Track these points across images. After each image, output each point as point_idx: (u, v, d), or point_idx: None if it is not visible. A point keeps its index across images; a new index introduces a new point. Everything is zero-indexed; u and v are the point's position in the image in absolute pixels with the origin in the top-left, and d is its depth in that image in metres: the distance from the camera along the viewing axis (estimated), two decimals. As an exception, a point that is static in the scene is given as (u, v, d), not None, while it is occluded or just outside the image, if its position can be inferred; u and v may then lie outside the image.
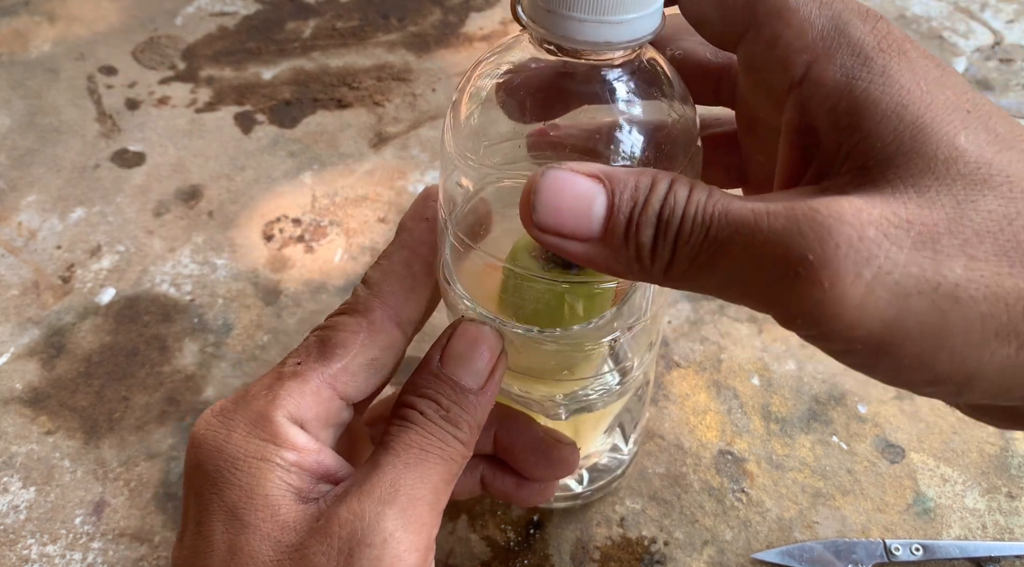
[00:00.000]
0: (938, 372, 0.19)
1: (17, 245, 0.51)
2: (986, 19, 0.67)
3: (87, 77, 0.62)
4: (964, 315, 0.18)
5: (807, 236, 0.18)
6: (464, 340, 0.26)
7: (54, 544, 0.38)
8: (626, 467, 0.39)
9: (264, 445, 0.25)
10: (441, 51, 0.65)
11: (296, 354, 0.27)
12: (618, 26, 0.21)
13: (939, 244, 0.18)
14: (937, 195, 0.18)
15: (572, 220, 0.20)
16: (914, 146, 0.18)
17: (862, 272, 0.17)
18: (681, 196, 0.19)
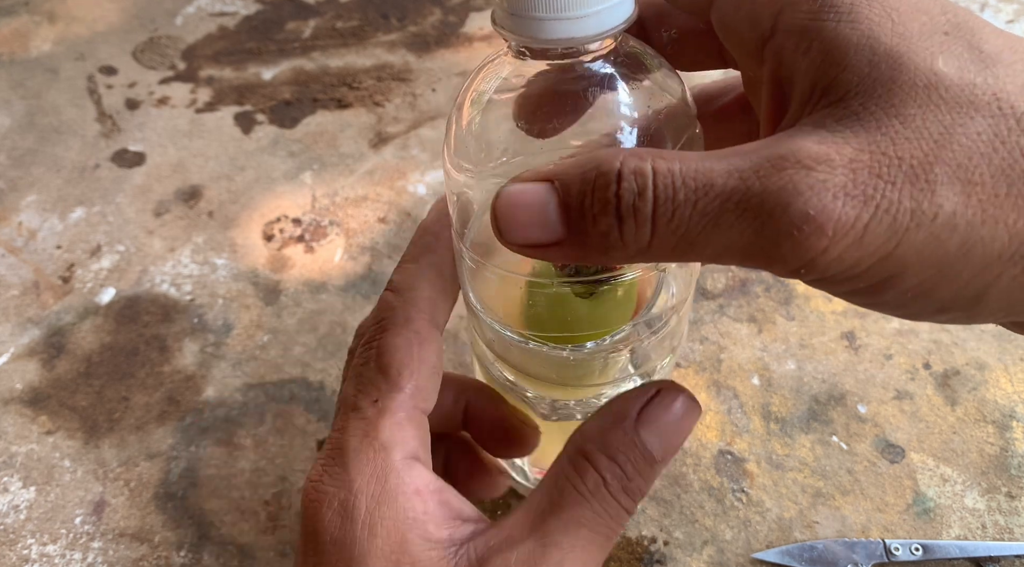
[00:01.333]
0: (944, 299, 0.19)
1: (17, 245, 0.51)
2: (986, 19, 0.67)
3: (87, 77, 0.62)
4: (964, 242, 0.18)
5: (803, 193, 0.17)
6: (671, 413, 0.25)
7: (54, 544, 0.38)
8: None
9: (395, 499, 0.23)
10: (441, 51, 0.65)
11: (365, 392, 0.26)
12: (580, 21, 0.21)
13: (932, 174, 0.17)
14: (924, 123, 0.18)
15: (534, 230, 0.20)
16: (892, 75, 0.18)
17: (861, 215, 0.17)
18: (643, 172, 0.19)
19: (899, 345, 0.45)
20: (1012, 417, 0.42)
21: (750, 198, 0.18)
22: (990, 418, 0.42)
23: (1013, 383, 0.43)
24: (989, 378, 0.43)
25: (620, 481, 0.24)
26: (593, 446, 0.25)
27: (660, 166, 0.19)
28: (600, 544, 0.24)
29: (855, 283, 0.19)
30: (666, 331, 0.29)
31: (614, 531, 0.24)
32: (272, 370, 0.44)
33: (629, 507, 0.24)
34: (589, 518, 0.24)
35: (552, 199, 0.20)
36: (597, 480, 0.24)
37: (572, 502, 0.24)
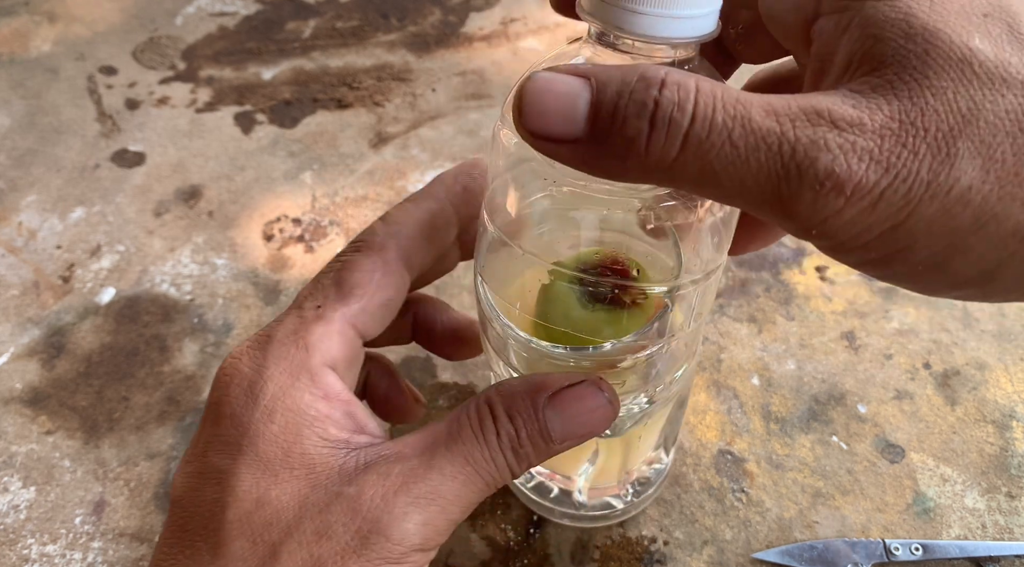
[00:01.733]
0: (956, 274, 0.19)
1: (17, 245, 0.51)
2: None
3: (87, 77, 0.62)
4: (977, 217, 0.18)
5: (832, 150, 0.18)
6: (582, 401, 0.25)
7: (54, 544, 0.38)
8: (664, 478, 0.38)
9: (300, 396, 0.24)
10: (441, 51, 0.65)
11: (313, 296, 0.27)
12: (679, 22, 0.21)
13: (954, 148, 0.18)
14: (955, 96, 0.18)
15: (557, 121, 0.20)
16: (927, 48, 0.18)
17: (880, 181, 0.18)
18: (687, 87, 0.18)
19: (899, 345, 0.45)
20: (1012, 417, 0.42)
21: (782, 143, 0.18)
22: (990, 418, 0.42)
23: (1013, 383, 0.43)
24: (989, 378, 0.43)
25: (512, 441, 0.25)
26: (501, 402, 0.25)
27: (704, 86, 0.19)
28: (479, 486, 0.25)
29: (866, 252, 0.19)
30: (678, 344, 0.29)
31: (495, 480, 0.25)
32: (272, 370, 0.44)
33: (513, 466, 0.25)
34: (476, 458, 0.25)
35: (585, 94, 0.19)
36: (492, 430, 0.25)
37: (465, 439, 0.25)
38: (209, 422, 0.25)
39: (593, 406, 0.26)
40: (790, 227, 0.19)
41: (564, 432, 0.25)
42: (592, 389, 0.26)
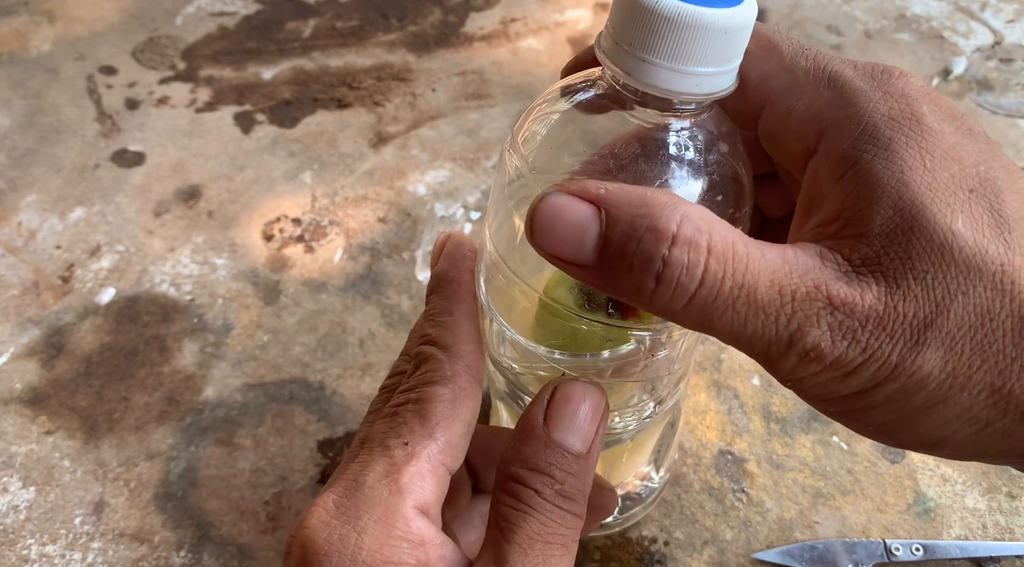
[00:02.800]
0: (902, 440, 0.21)
1: (17, 245, 0.51)
2: (986, 19, 0.67)
3: (87, 77, 0.62)
4: (928, 399, 0.19)
5: (822, 328, 0.19)
6: (570, 401, 0.25)
7: (54, 544, 0.38)
8: (657, 495, 0.38)
9: (399, 546, 0.23)
10: (441, 51, 0.65)
11: (397, 432, 0.25)
12: (694, 78, 0.21)
13: (923, 337, 0.19)
14: (933, 282, 0.19)
15: (567, 247, 0.20)
16: (913, 227, 0.19)
17: (856, 358, 0.19)
18: (698, 247, 0.19)
19: (899, 345, 0.45)
20: (1012, 417, 0.42)
21: (780, 315, 0.19)
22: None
23: (1013, 383, 0.43)
24: (989, 378, 0.43)
25: (553, 487, 0.24)
26: (516, 466, 0.25)
27: (717, 246, 0.19)
28: (560, 555, 0.24)
29: (829, 405, 0.21)
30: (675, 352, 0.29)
31: (569, 538, 0.24)
32: (272, 370, 0.44)
33: (573, 509, 0.25)
34: (539, 532, 0.24)
35: (594, 226, 0.20)
36: (531, 495, 0.24)
37: (517, 524, 0.24)
38: None
39: (581, 397, 0.25)
40: (772, 373, 0.21)
41: (583, 439, 0.25)
42: (566, 386, 0.25)
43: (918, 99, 0.20)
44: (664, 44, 0.20)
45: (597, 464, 0.26)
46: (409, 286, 0.48)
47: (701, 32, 0.20)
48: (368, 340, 0.46)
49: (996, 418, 0.19)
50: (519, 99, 0.60)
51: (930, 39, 0.65)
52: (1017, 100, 0.60)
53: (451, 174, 0.55)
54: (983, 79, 0.61)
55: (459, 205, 0.53)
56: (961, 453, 0.21)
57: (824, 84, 0.21)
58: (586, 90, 0.24)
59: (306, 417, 0.42)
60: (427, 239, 0.51)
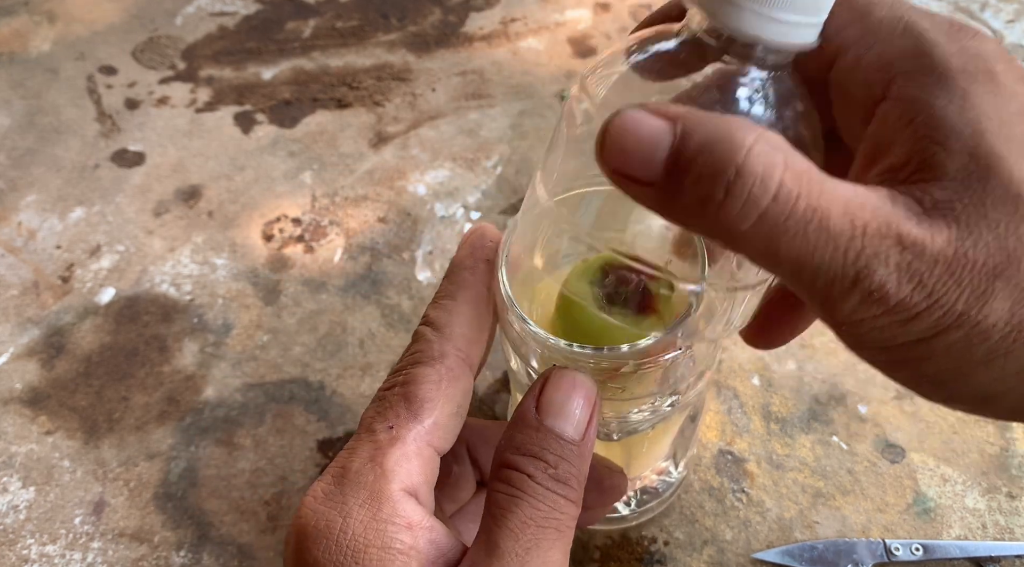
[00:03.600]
0: (954, 392, 0.20)
1: (17, 245, 0.51)
2: (986, 19, 0.67)
3: (87, 77, 0.62)
4: (990, 351, 0.19)
5: (889, 267, 0.18)
6: (560, 389, 0.25)
7: (54, 544, 0.38)
8: (675, 490, 0.38)
9: (384, 529, 0.24)
10: (441, 51, 0.65)
11: (383, 416, 0.26)
12: (777, 24, 0.20)
13: (992, 286, 0.19)
14: (1005, 232, 0.19)
15: (635, 163, 0.19)
16: (988, 176, 0.19)
17: (920, 303, 0.19)
18: (773, 164, 0.18)
19: (899, 345, 0.45)
20: (1012, 417, 0.42)
21: (849, 248, 0.18)
22: (990, 418, 0.42)
23: (1013, 383, 0.43)
24: (989, 378, 0.43)
25: (546, 471, 0.24)
26: (509, 453, 0.25)
27: (793, 165, 0.18)
28: (553, 539, 0.24)
29: (882, 354, 0.20)
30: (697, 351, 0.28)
31: (563, 523, 0.24)
32: (272, 370, 0.44)
33: (567, 493, 0.24)
34: (531, 516, 0.24)
35: (667, 140, 0.19)
36: (523, 479, 0.24)
37: (510, 508, 0.24)
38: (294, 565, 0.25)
39: (572, 384, 0.25)
40: (823, 316, 0.20)
41: (576, 425, 0.25)
42: (557, 374, 0.25)
43: (994, 57, 0.20)
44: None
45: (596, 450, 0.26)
46: (409, 286, 0.48)
47: None
48: (368, 340, 0.46)
49: None
50: (519, 99, 0.60)
51: (930, 39, 0.65)
52: (1017, 100, 0.60)
53: (451, 174, 0.55)
54: (983, 79, 0.61)
55: (459, 205, 0.53)
56: (1012, 412, 0.21)
57: (898, 33, 0.21)
58: (666, 39, 0.23)
59: (306, 417, 0.42)
60: (427, 239, 0.51)
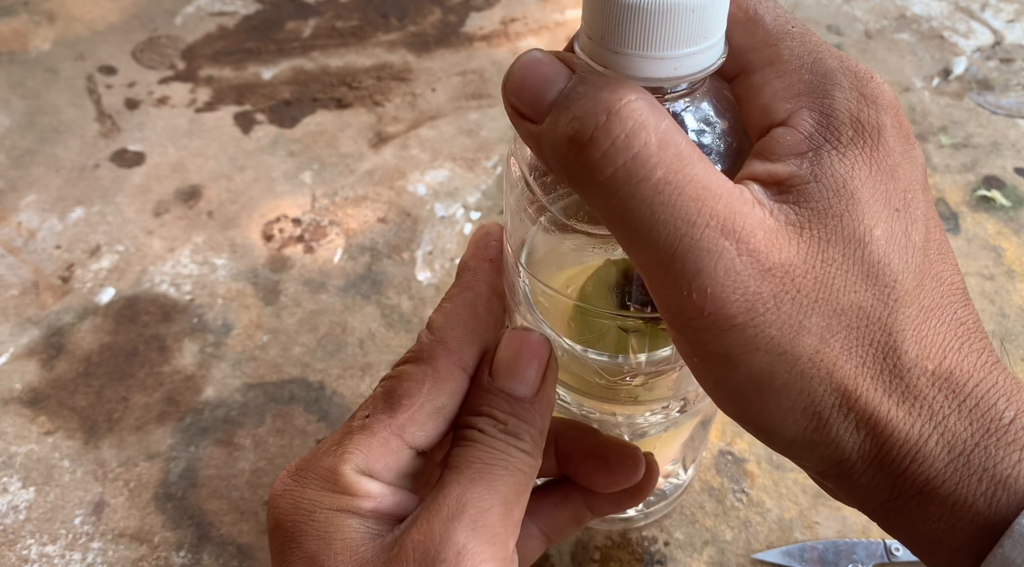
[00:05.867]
0: (744, 413, 0.21)
1: (16, 245, 0.51)
2: (986, 19, 0.67)
3: (86, 77, 0.62)
4: (786, 383, 0.20)
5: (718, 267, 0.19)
6: (510, 349, 0.26)
7: (53, 544, 0.38)
8: (681, 493, 0.38)
9: (337, 497, 0.25)
10: (441, 51, 0.65)
11: (364, 408, 0.27)
12: (674, 61, 0.20)
13: (809, 320, 0.19)
14: (835, 270, 0.19)
15: (529, 97, 0.20)
16: (843, 215, 0.20)
17: (736, 317, 0.19)
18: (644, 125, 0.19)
19: (899, 345, 0.45)
20: (1013, 417, 0.42)
21: (687, 235, 0.19)
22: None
23: (1014, 383, 0.43)
24: (990, 378, 0.43)
25: (495, 426, 0.25)
26: (463, 415, 0.26)
27: (664, 133, 0.19)
28: (502, 476, 0.25)
29: (692, 356, 0.21)
30: None
31: (512, 464, 0.25)
32: (272, 370, 0.44)
33: (519, 445, 0.25)
34: (476, 456, 0.25)
35: (562, 82, 0.20)
36: (473, 433, 0.25)
37: (459, 453, 0.25)
38: (270, 546, 0.26)
39: (520, 342, 0.26)
40: (652, 294, 0.20)
41: (524, 384, 0.26)
42: (508, 334, 0.26)
43: (887, 110, 0.21)
44: (632, 33, 0.19)
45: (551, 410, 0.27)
46: (409, 286, 0.48)
47: (667, 15, 0.19)
48: (368, 340, 0.46)
49: (833, 422, 0.20)
50: (519, 99, 0.60)
51: (930, 39, 0.65)
52: (1017, 100, 0.60)
53: (451, 174, 0.55)
54: (983, 79, 0.61)
55: (459, 205, 0.53)
56: (787, 445, 0.21)
57: (808, 69, 0.21)
58: None
59: (306, 417, 0.42)
60: (427, 239, 0.51)
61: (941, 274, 0.21)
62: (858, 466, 0.20)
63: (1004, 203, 0.52)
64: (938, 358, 0.20)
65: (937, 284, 0.21)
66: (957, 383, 0.20)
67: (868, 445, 0.20)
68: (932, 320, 0.20)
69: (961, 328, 0.21)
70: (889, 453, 0.20)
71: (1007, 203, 0.52)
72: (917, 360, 0.20)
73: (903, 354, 0.20)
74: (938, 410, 0.20)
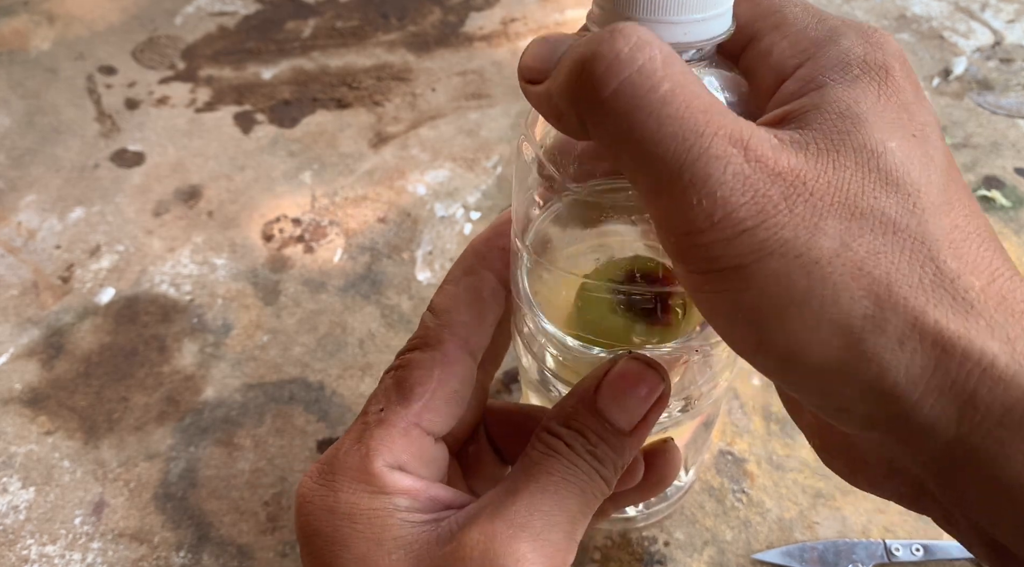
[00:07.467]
0: (765, 337, 0.19)
1: (16, 245, 0.51)
2: (986, 19, 0.67)
3: (86, 77, 0.62)
4: (809, 289, 0.18)
5: (727, 171, 0.18)
6: (625, 379, 0.25)
7: (53, 544, 0.38)
8: (683, 494, 0.38)
9: (375, 497, 0.24)
10: (441, 51, 0.65)
11: (376, 400, 0.27)
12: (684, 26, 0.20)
13: (825, 220, 0.18)
14: (850, 176, 0.18)
15: (538, 64, 0.20)
16: (851, 130, 0.19)
17: (746, 220, 0.18)
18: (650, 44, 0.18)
19: (899, 345, 0.45)
20: (1013, 417, 0.42)
21: (695, 145, 0.18)
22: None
23: (1014, 383, 0.43)
24: (990, 378, 0.43)
25: (585, 446, 0.25)
26: (555, 422, 0.25)
27: (668, 54, 0.18)
28: (574, 494, 0.24)
29: (704, 282, 0.19)
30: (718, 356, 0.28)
31: (587, 485, 0.25)
32: (272, 370, 0.44)
33: (600, 471, 0.25)
34: (557, 469, 0.24)
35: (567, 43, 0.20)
36: (560, 445, 0.25)
37: (539, 461, 0.25)
38: (302, 554, 0.26)
39: (636, 379, 0.25)
40: (656, 221, 0.19)
41: (629, 418, 0.25)
42: (627, 364, 0.25)
43: (893, 55, 0.20)
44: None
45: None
46: (409, 286, 0.48)
47: None
48: (368, 340, 0.46)
49: (868, 335, 0.18)
50: (519, 99, 0.60)
51: (930, 39, 0.65)
52: (1017, 100, 0.60)
53: (451, 174, 0.55)
54: (983, 79, 0.61)
55: (459, 205, 0.53)
56: (815, 372, 0.19)
57: (812, 27, 0.21)
58: None
59: (306, 417, 0.42)
60: (427, 239, 0.51)
61: (971, 206, 0.19)
62: (912, 393, 0.17)
63: (1004, 203, 0.52)
64: (986, 278, 0.18)
65: (969, 213, 0.19)
66: (1016, 308, 0.18)
67: (920, 363, 0.17)
68: (970, 242, 0.18)
69: (1007, 261, 0.19)
70: (949, 372, 0.17)
71: (1007, 203, 0.52)
72: (960, 272, 0.18)
73: (943, 263, 0.18)
74: (1000, 327, 0.17)
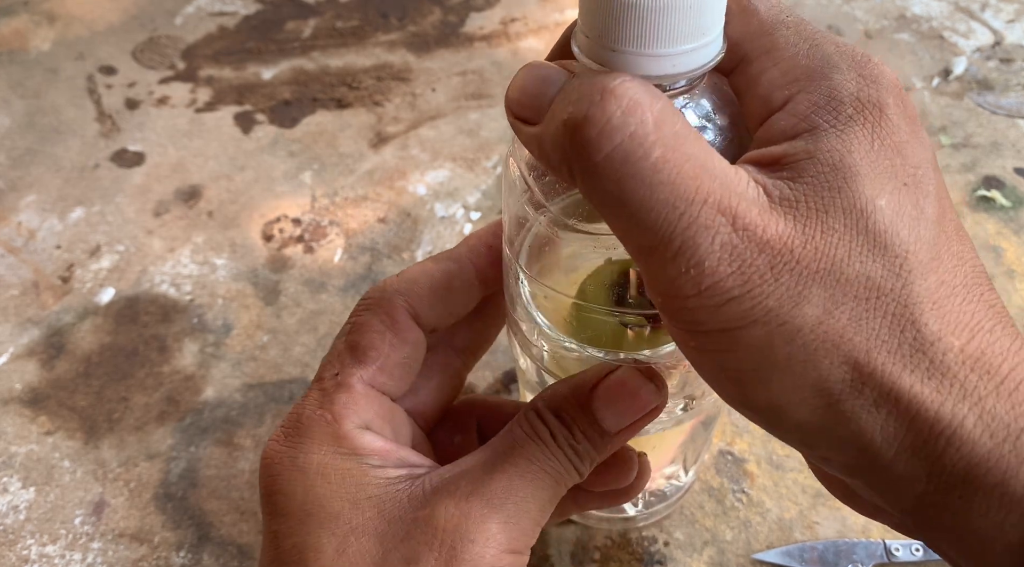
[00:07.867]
0: (749, 394, 0.20)
1: (17, 245, 0.51)
2: (986, 19, 0.67)
3: (87, 77, 0.62)
4: (790, 356, 0.18)
5: (715, 242, 0.18)
6: (624, 387, 0.26)
7: (54, 544, 0.38)
8: (683, 494, 0.38)
9: (348, 457, 0.25)
10: (441, 51, 0.65)
11: (331, 366, 0.27)
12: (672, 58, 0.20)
13: (809, 290, 0.18)
14: (838, 241, 0.18)
15: (528, 101, 0.20)
16: (842, 186, 0.19)
17: (733, 290, 0.18)
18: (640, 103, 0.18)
19: (899, 345, 0.45)
20: (1013, 417, 0.41)
21: (685, 214, 0.18)
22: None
23: (1014, 383, 0.43)
24: (989, 378, 0.43)
25: (567, 439, 0.25)
26: (547, 406, 0.26)
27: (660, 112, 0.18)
28: (548, 484, 0.25)
29: (691, 339, 0.20)
30: None
31: (563, 478, 0.25)
32: (272, 370, 0.44)
33: (577, 464, 0.25)
34: (537, 457, 0.25)
35: (558, 84, 0.20)
36: (545, 432, 0.25)
37: (521, 443, 0.25)
38: (268, 514, 0.26)
39: (635, 388, 0.26)
40: (648, 284, 0.20)
41: (616, 422, 0.25)
42: (629, 372, 0.26)
43: (888, 89, 0.20)
44: (630, 31, 0.19)
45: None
46: (409, 286, 0.48)
47: (664, 12, 0.19)
48: (368, 340, 0.46)
49: (846, 398, 0.18)
50: (519, 99, 0.60)
51: (930, 39, 0.65)
52: (1017, 100, 0.60)
53: (451, 174, 0.55)
54: (983, 79, 0.61)
55: (459, 205, 0.53)
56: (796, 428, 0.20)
57: (804, 54, 0.21)
58: None
59: (306, 417, 0.42)
60: (427, 239, 0.51)
61: (961, 253, 0.20)
62: (887, 451, 0.19)
63: (1004, 203, 0.52)
64: (966, 336, 0.18)
65: (958, 262, 0.19)
66: (991, 365, 0.18)
67: (893, 426, 0.18)
68: (955, 297, 0.19)
69: (991, 311, 0.19)
70: (920, 434, 0.18)
71: (1007, 203, 0.52)
72: (940, 334, 0.18)
73: (923, 327, 0.18)
74: (972, 390, 0.18)
